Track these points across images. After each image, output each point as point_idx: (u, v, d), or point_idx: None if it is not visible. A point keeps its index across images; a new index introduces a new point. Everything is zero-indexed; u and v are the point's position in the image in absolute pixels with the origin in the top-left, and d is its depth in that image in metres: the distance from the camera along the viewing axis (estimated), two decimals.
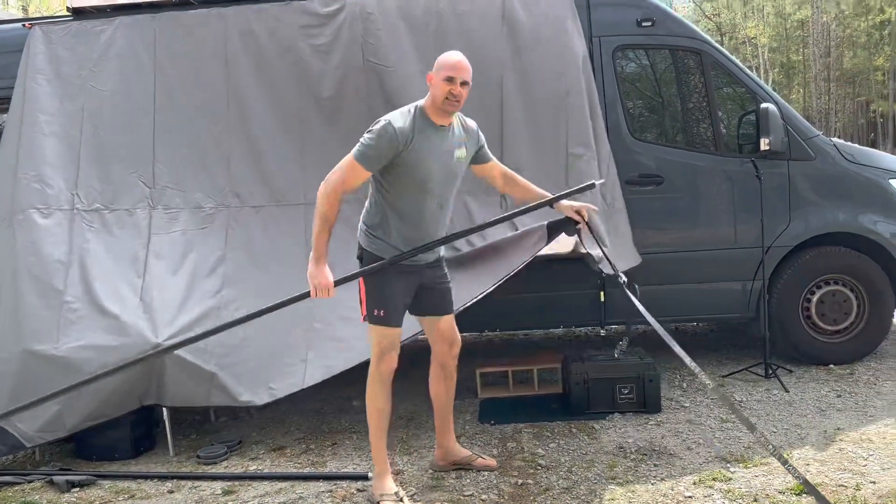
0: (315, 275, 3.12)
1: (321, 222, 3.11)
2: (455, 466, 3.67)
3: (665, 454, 3.72)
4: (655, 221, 4.94)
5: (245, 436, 4.47)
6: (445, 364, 3.61)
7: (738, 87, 5.11)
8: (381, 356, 3.34)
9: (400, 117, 3.16)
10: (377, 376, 3.36)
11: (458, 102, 3.19)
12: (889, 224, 4.89)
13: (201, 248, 4.40)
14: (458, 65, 3.17)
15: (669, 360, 5.42)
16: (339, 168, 3.15)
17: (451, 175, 3.32)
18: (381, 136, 3.10)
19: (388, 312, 3.29)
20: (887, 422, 3.94)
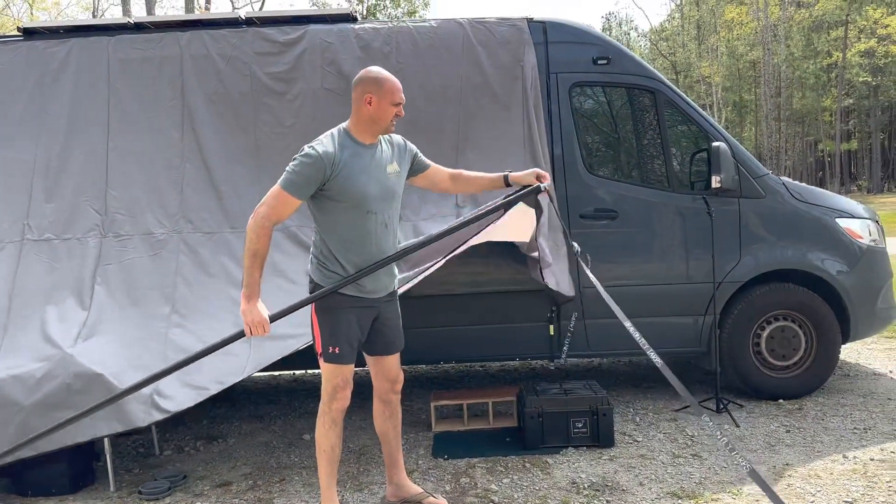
0: (248, 312, 3.02)
1: (251, 258, 3.02)
2: (406, 503, 3.60)
3: (617, 490, 3.71)
4: (610, 255, 4.99)
5: (190, 470, 4.33)
6: (389, 400, 3.55)
7: (690, 125, 5.22)
8: (334, 394, 3.25)
9: (324, 140, 3.10)
10: (329, 414, 3.27)
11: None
12: (835, 262, 5.02)
13: (152, 275, 4.30)
14: (401, 89, 3.17)
15: (622, 393, 5.47)
16: (266, 200, 3.05)
17: (389, 192, 3.22)
18: (305, 161, 3.02)
19: (343, 349, 3.21)
20: (834, 457, 3.99)
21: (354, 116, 3.17)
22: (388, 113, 3.12)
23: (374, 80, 3.12)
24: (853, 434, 4.34)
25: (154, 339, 4.04)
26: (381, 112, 3.12)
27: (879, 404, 4.88)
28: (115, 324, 4.09)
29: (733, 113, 47.74)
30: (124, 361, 3.88)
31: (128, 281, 4.28)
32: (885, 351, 6.41)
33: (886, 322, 5.29)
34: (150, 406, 3.75)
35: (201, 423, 5.34)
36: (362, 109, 3.13)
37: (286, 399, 5.90)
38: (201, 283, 4.29)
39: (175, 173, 4.49)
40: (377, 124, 3.15)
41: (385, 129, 3.19)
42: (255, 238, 3.01)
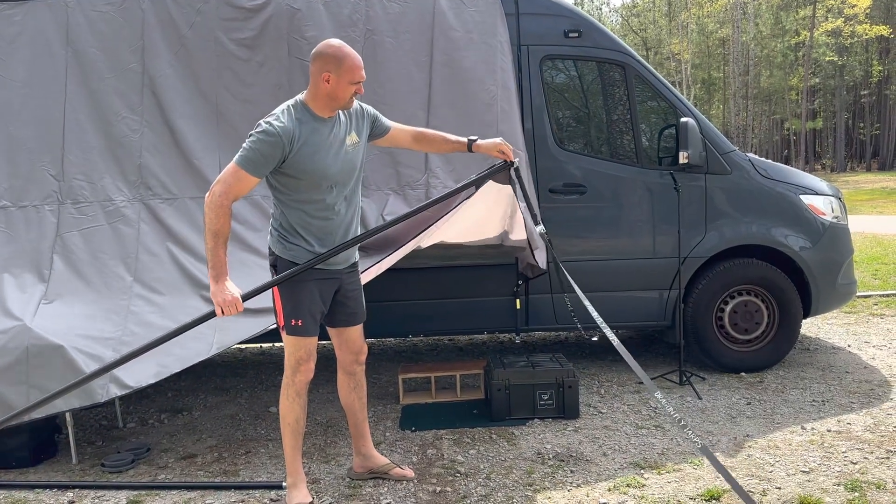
0: (217, 292, 2.93)
1: (213, 238, 2.91)
2: (372, 475, 3.61)
3: (582, 460, 3.76)
4: (578, 230, 5.02)
5: (154, 443, 4.29)
6: (353, 372, 3.53)
7: (659, 101, 5.23)
8: (298, 366, 3.21)
9: (281, 116, 2.98)
10: (293, 387, 3.25)
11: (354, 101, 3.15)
12: (798, 238, 5.10)
13: (112, 244, 4.21)
14: (361, 66, 3.04)
15: (588, 366, 5.54)
16: (223, 177, 2.93)
17: (349, 165, 3.14)
18: (263, 138, 2.91)
19: (306, 322, 3.16)
20: (793, 429, 4.09)
21: (312, 90, 3.05)
22: (346, 91, 3.01)
23: (334, 57, 2.98)
24: (812, 406, 4.45)
25: (116, 312, 3.97)
26: (339, 90, 3.01)
27: (837, 377, 5.00)
28: (75, 295, 4.01)
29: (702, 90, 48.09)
30: (85, 334, 3.81)
31: (87, 250, 4.18)
32: (844, 326, 6.56)
33: (846, 298, 5.41)
34: (109, 381, 3.68)
35: (166, 395, 5.29)
36: (320, 86, 3.01)
37: (253, 372, 5.86)
38: (164, 253, 4.21)
39: (135, 138, 4.38)
40: (335, 101, 3.04)
41: (344, 106, 3.08)
42: (215, 218, 2.90)
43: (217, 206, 2.90)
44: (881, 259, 10.15)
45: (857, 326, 6.52)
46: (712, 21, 44.82)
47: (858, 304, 7.36)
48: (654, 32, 49.17)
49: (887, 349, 5.69)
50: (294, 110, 3.03)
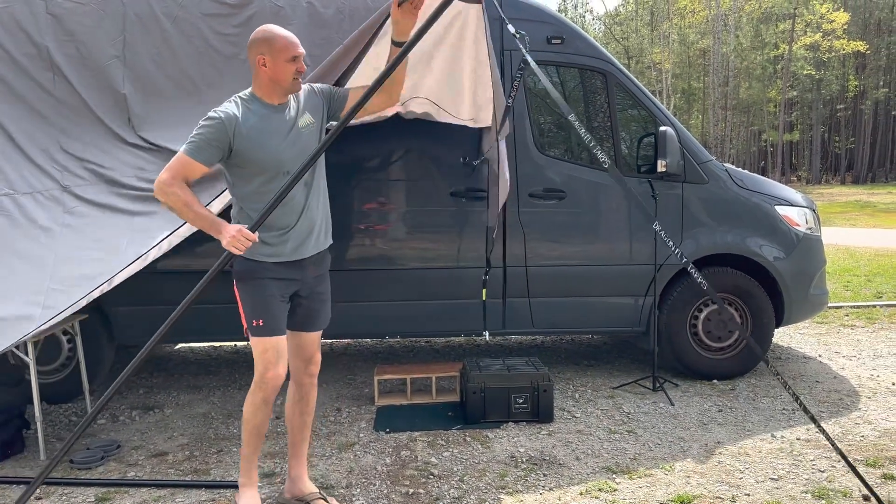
0: (225, 234, 2.79)
1: (185, 208, 2.83)
2: (300, 501, 3.33)
3: (555, 464, 3.77)
4: (556, 235, 5.05)
5: (125, 440, 4.24)
6: (301, 383, 3.29)
7: (640, 109, 5.28)
8: (267, 368, 3.03)
9: (227, 104, 2.93)
10: (261, 392, 3.07)
11: (302, 73, 2.99)
12: (772, 248, 5.17)
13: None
14: (297, 42, 2.94)
15: (563, 370, 5.56)
16: (169, 165, 2.87)
17: (304, 148, 3.00)
18: (206, 124, 2.86)
19: (267, 321, 3.00)
20: (763, 436, 4.14)
21: (255, 79, 2.98)
22: (286, 71, 2.91)
23: (264, 39, 2.92)
24: (782, 414, 4.50)
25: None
26: (278, 72, 2.91)
27: (808, 386, 5.07)
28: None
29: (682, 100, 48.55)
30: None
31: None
32: (815, 336, 6.65)
33: (818, 308, 5.49)
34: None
35: (137, 392, 5.23)
36: (260, 72, 2.94)
37: (226, 370, 5.82)
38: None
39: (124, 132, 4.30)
40: (279, 85, 2.94)
41: (290, 89, 2.98)
42: (168, 199, 2.84)
43: (166, 192, 2.84)
44: (853, 271, 10.31)
45: (828, 337, 6.61)
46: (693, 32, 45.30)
47: (830, 314, 7.47)
48: (636, 41, 49.60)
49: (857, 360, 5.78)
50: (241, 99, 2.98)
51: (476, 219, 4.97)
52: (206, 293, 2.96)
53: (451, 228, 5.00)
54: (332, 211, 3.30)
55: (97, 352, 4.84)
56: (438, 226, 5.01)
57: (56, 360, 4.89)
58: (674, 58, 45.50)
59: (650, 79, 43.95)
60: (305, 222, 3.08)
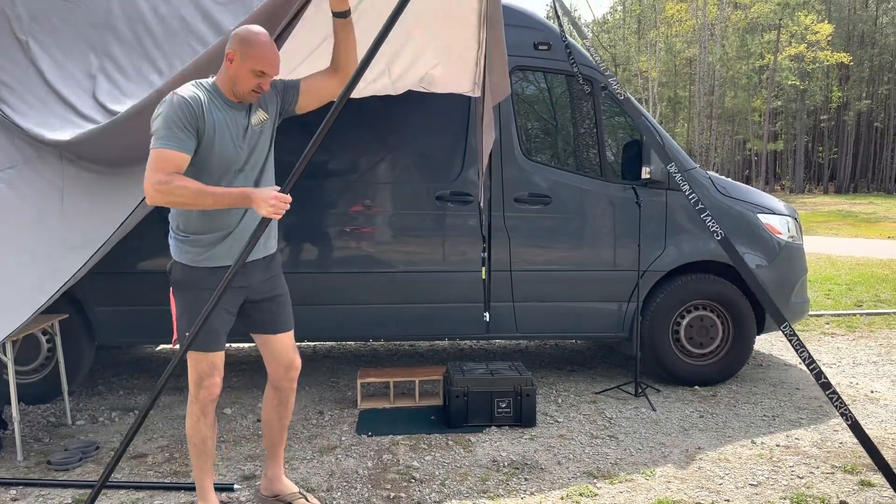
0: (261, 202, 2.63)
1: (199, 196, 2.64)
2: (277, 501, 3.32)
3: (536, 468, 3.78)
4: (541, 240, 5.06)
5: (104, 441, 4.20)
6: (280, 387, 3.20)
7: (625, 116, 5.31)
8: (199, 383, 2.91)
9: (192, 88, 2.75)
10: (196, 404, 2.95)
11: (262, 93, 2.84)
12: (755, 255, 5.21)
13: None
14: (274, 61, 2.76)
15: (546, 375, 5.58)
16: (147, 172, 2.65)
17: (257, 145, 2.90)
18: (170, 107, 2.65)
19: (202, 335, 2.81)
20: (743, 442, 4.16)
21: (220, 71, 2.84)
22: (246, 80, 2.75)
23: (244, 39, 2.73)
24: (762, 421, 4.54)
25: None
26: (239, 76, 2.75)
27: (788, 394, 5.11)
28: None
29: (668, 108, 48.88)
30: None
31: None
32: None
33: (800, 315, 5.54)
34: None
35: (117, 393, 5.19)
36: (225, 65, 2.78)
37: None
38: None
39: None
40: (235, 86, 2.78)
41: (243, 98, 2.82)
42: (176, 189, 2.62)
43: (169, 191, 2.62)
44: (834, 280, 10.41)
45: (808, 344, 6.66)
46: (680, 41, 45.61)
47: (811, 322, 7.54)
48: (623, 49, 49.89)
49: (836, 367, 5.83)
50: (202, 83, 2.82)
51: (461, 223, 4.98)
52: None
53: (436, 232, 5.00)
54: (320, 213, 3.25)
55: (77, 352, 4.80)
56: (424, 229, 5.01)
57: (35, 360, 4.84)
58: (660, 66, 45.81)
59: (637, 86, 44.21)
60: (247, 227, 2.89)
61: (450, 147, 4.94)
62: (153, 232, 4.70)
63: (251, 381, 5.45)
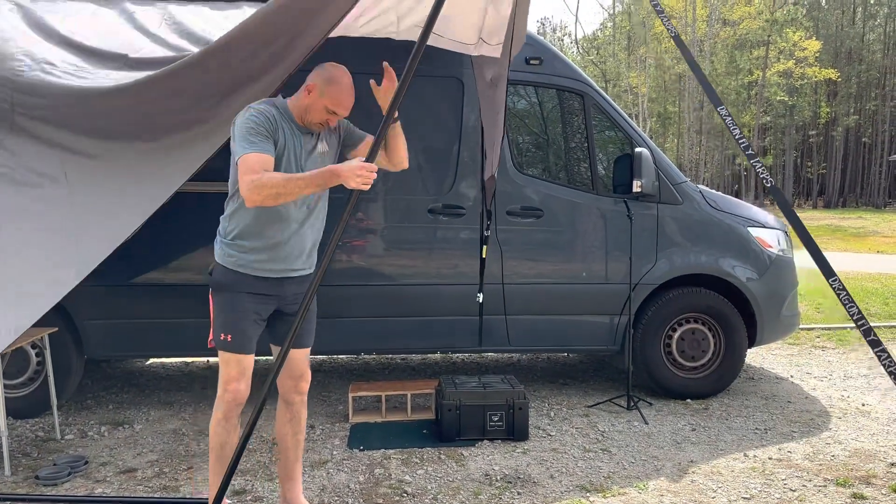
0: (349, 175, 2.64)
1: (288, 183, 2.70)
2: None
3: (529, 482, 3.76)
4: (533, 253, 5.07)
5: (93, 456, 4.16)
6: (291, 401, 3.24)
7: (616, 130, 5.35)
8: (227, 385, 2.97)
9: (262, 103, 2.90)
10: (221, 408, 2.99)
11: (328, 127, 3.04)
12: (745, 269, 5.23)
13: None
14: (348, 105, 2.95)
15: (539, 388, 5.57)
16: (244, 169, 2.74)
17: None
18: (248, 117, 2.80)
19: (235, 338, 2.94)
20: (735, 455, 4.16)
21: (296, 95, 2.99)
22: (319, 113, 2.92)
23: (329, 75, 2.92)
24: (754, 434, 4.54)
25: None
26: (314, 108, 2.92)
27: (780, 407, 5.12)
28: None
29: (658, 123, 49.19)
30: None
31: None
32: (787, 356, 6.73)
33: (790, 329, 5.56)
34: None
35: (107, 407, 5.14)
36: (302, 94, 2.95)
37: (199, 386, 5.74)
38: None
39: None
40: (307, 115, 2.95)
41: (309, 125, 2.98)
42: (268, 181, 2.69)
43: (262, 184, 2.69)
44: (824, 293, 10.45)
45: (799, 358, 6.69)
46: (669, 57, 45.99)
47: (802, 336, 7.56)
48: (614, 65, 50.29)
49: (828, 380, 5.85)
50: (275, 103, 2.96)
51: (454, 236, 4.99)
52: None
53: (428, 245, 5.00)
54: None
55: (66, 366, 4.76)
56: (416, 242, 5.01)
57: (24, 373, 4.80)
58: (650, 82, 46.16)
59: (627, 102, 44.50)
60: (295, 243, 3.02)
61: (442, 160, 4.96)
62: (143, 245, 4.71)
63: None
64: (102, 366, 6.17)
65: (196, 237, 4.75)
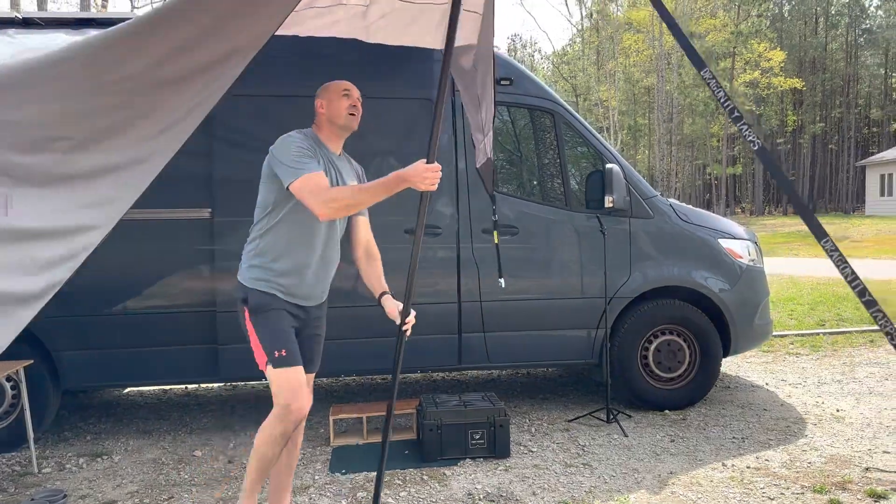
0: (416, 178, 2.82)
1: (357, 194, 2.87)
2: None
3: (512, 499, 3.78)
4: (510, 270, 5.10)
5: (72, 489, 4.11)
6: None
7: (587, 147, 5.43)
8: (291, 400, 2.96)
9: (295, 133, 3.03)
10: (281, 426, 2.97)
11: (358, 113, 3.14)
12: (717, 280, 5.32)
13: None
14: (350, 85, 3.15)
15: (520, 404, 5.60)
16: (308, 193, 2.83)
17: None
18: (291, 141, 2.94)
19: (289, 350, 3.00)
20: (714, 465, 4.22)
21: (316, 123, 3.15)
22: (339, 106, 3.08)
23: (323, 88, 3.16)
24: (732, 443, 4.61)
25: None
26: (332, 108, 3.09)
27: (756, 415, 5.20)
28: None
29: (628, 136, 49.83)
30: None
31: None
32: (762, 364, 6.83)
33: (763, 337, 5.66)
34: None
35: (84, 439, 5.08)
36: (319, 117, 3.13)
37: (177, 415, 5.69)
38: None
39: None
40: (336, 121, 3.10)
41: (345, 125, 3.12)
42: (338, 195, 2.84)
43: (334, 199, 2.82)
44: (796, 300, 10.64)
45: (774, 365, 6.80)
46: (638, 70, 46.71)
47: (775, 343, 7.69)
48: (584, 80, 50.90)
49: (802, 387, 5.95)
50: (304, 131, 3.09)
51: (431, 255, 5.02)
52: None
53: (405, 264, 5.01)
54: None
55: (43, 398, 4.71)
56: (393, 263, 5.01)
57: None
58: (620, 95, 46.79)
59: (598, 115, 45.04)
60: (320, 268, 3.16)
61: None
62: (116, 274, 4.69)
63: (221, 423, 5.38)
64: (79, 396, 6.10)
65: (168, 264, 4.76)
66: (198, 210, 4.76)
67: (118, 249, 4.68)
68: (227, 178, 4.75)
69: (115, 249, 4.68)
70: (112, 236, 4.73)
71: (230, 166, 4.75)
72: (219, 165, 4.75)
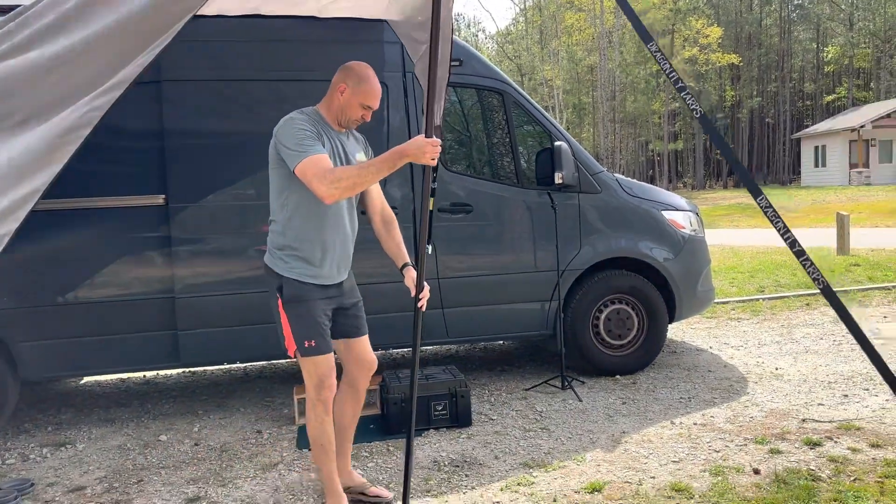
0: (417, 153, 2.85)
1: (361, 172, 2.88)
2: (349, 493, 3.49)
3: (475, 464, 3.96)
4: (465, 247, 5.26)
5: (38, 478, 4.12)
6: (358, 386, 3.47)
7: (535, 125, 5.59)
8: (322, 383, 3.16)
9: (296, 113, 3.07)
10: (319, 405, 3.19)
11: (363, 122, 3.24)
12: (662, 250, 5.57)
13: None
14: (379, 96, 3.17)
15: (479, 376, 5.78)
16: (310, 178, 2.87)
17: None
18: (293, 124, 2.97)
19: (318, 341, 3.15)
20: (663, 424, 4.47)
21: (326, 100, 3.17)
22: (355, 110, 3.13)
23: (357, 74, 3.13)
24: (679, 403, 4.87)
25: None
26: (349, 106, 3.12)
27: (701, 376, 5.49)
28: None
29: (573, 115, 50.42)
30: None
31: None
32: (705, 329, 7.16)
33: (706, 303, 5.94)
34: None
35: (45, 430, 5.06)
36: (335, 96, 3.14)
37: (138, 402, 5.70)
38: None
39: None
40: (343, 115, 3.15)
41: (348, 125, 3.21)
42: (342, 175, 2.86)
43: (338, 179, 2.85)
44: (737, 268, 11.09)
45: (717, 330, 7.13)
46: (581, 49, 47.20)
47: (718, 309, 8.04)
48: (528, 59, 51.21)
49: (744, 349, 6.28)
50: (306, 111, 3.11)
51: None
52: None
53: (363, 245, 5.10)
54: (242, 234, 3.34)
55: (2, 391, 4.68)
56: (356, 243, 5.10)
57: None
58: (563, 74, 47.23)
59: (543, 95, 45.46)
60: (346, 243, 3.26)
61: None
62: (73, 263, 4.68)
63: (184, 408, 5.42)
64: (35, 388, 6.04)
65: (124, 252, 4.76)
66: (152, 197, 4.77)
67: (75, 238, 4.68)
68: (179, 164, 4.77)
69: (71, 238, 4.68)
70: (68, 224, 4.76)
71: (183, 152, 4.76)
72: (171, 152, 4.76)
